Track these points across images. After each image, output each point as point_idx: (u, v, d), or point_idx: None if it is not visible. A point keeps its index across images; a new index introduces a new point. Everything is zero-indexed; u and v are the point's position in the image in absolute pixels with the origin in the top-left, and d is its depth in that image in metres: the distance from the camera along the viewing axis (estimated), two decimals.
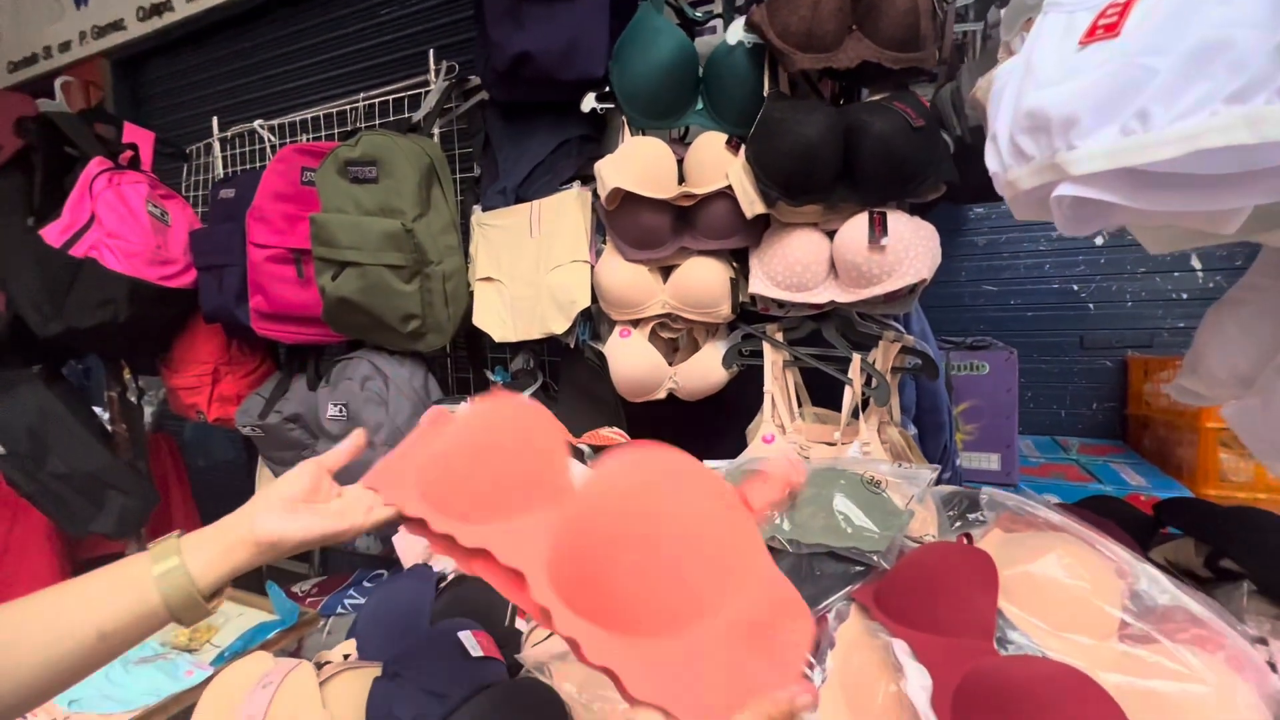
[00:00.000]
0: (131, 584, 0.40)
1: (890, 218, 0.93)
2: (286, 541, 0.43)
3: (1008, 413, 1.33)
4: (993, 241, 1.80)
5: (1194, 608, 0.51)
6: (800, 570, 0.70)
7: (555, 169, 1.18)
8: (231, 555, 0.42)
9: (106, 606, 0.39)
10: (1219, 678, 0.46)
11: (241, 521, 0.43)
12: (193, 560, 0.41)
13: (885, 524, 0.71)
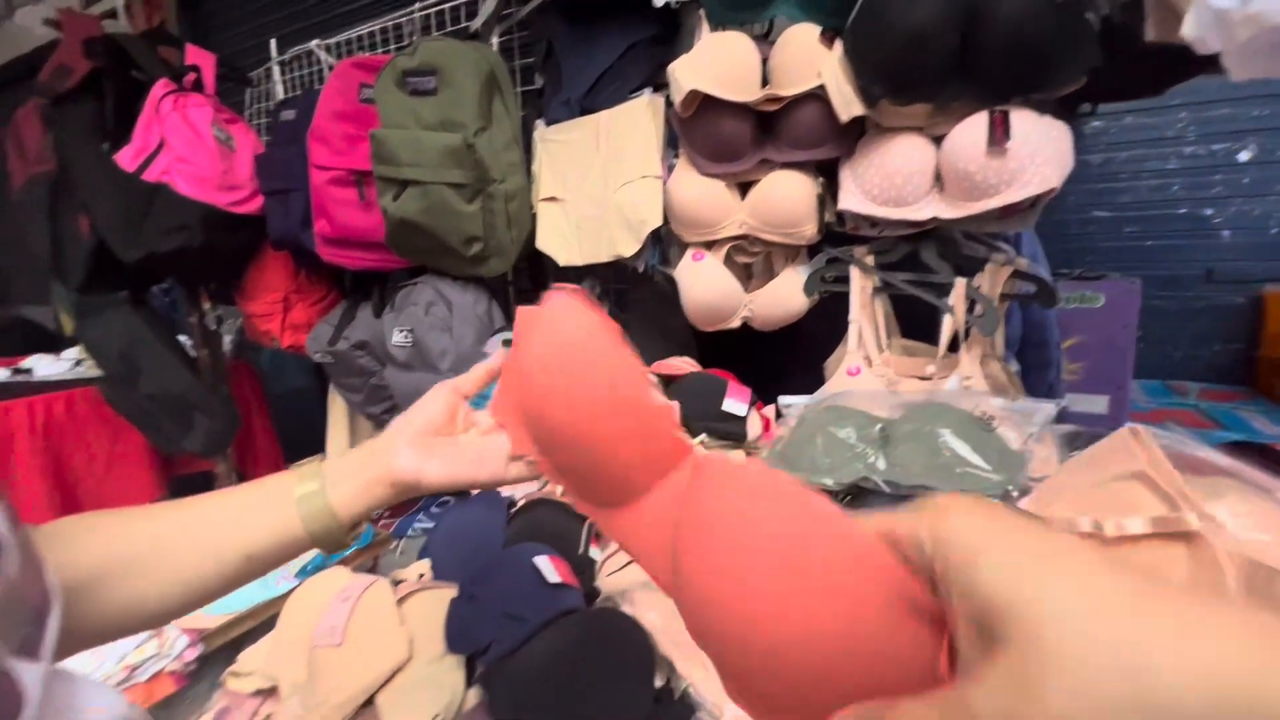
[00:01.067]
0: (275, 509, 0.38)
1: (1014, 116, 0.80)
2: (424, 485, 0.39)
3: (1123, 350, 1.19)
4: (1110, 161, 1.59)
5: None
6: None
7: (624, 75, 1.08)
8: (370, 492, 0.39)
9: (253, 530, 0.38)
10: None
11: (380, 458, 0.40)
12: (334, 492, 0.39)
13: (1003, 465, 0.63)
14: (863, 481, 0.67)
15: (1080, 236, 1.66)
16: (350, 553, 1.18)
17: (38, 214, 1.45)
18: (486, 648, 0.51)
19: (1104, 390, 1.24)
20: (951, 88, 0.82)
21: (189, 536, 0.37)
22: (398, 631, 0.54)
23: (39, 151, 1.43)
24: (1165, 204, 1.57)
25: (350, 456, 0.41)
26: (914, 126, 0.88)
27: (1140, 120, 1.55)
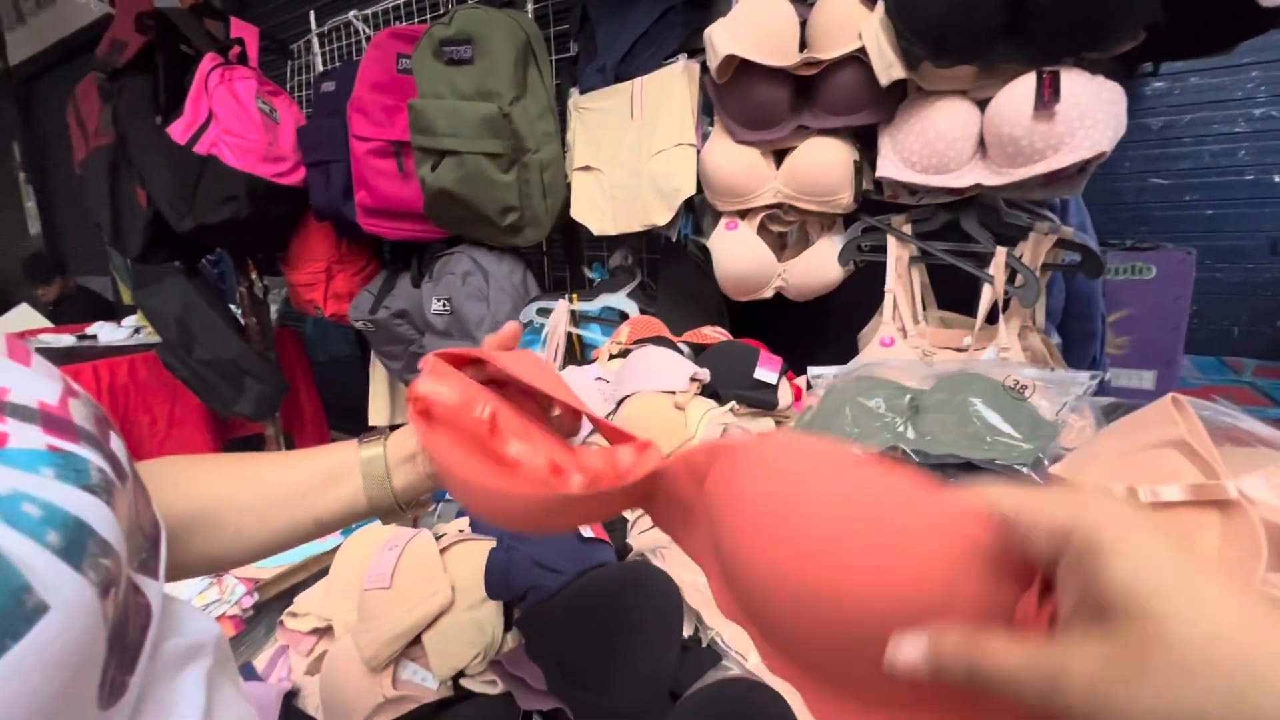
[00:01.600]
0: (344, 480, 0.41)
1: (1064, 77, 0.77)
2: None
3: (1174, 324, 1.14)
4: (1171, 124, 1.51)
5: None
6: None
7: (659, 41, 1.07)
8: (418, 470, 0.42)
9: (322, 495, 0.41)
10: None
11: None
12: (396, 474, 0.41)
13: (1034, 434, 0.62)
14: (891, 451, 0.67)
15: (1135, 205, 1.58)
16: None
17: (99, 186, 1.52)
18: (523, 595, 0.54)
19: (1152, 366, 1.19)
20: (999, 48, 0.79)
21: (270, 496, 0.40)
22: (441, 578, 0.57)
23: (98, 125, 1.49)
24: (1230, 170, 1.48)
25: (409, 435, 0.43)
26: (958, 90, 0.85)
27: (1206, 80, 1.46)
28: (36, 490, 0.21)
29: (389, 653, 0.55)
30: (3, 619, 0.18)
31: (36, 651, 0.19)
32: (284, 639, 0.72)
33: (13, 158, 4.21)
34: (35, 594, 0.19)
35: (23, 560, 0.19)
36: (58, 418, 0.25)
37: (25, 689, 0.19)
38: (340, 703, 0.56)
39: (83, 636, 0.21)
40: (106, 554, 0.22)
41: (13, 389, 0.24)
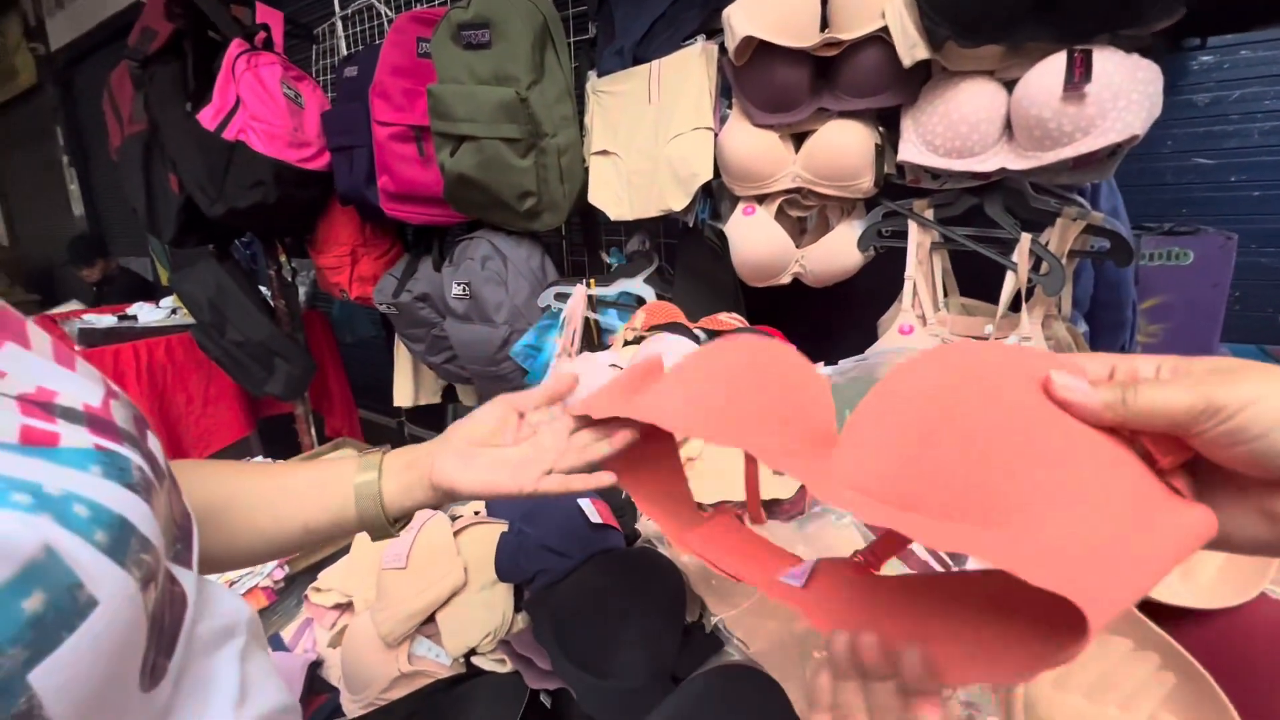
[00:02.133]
0: (335, 493, 0.43)
1: (1097, 56, 0.74)
2: (458, 492, 0.42)
3: (1211, 312, 1.10)
4: (1219, 100, 1.44)
5: None
6: None
7: (677, 22, 1.05)
8: (411, 494, 0.44)
9: (313, 504, 0.43)
10: None
11: (425, 461, 0.44)
12: (387, 485, 0.43)
13: None
14: None
15: (1176, 186, 1.52)
16: None
17: (134, 172, 1.56)
18: (533, 577, 0.55)
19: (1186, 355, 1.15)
20: (1028, 26, 0.76)
21: (264, 502, 0.42)
22: (455, 559, 0.59)
23: (131, 112, 1.53)
24: None
25: (403, 454, 0.45)
26: (984, 70, 0.82)
27: (1258, 53, 1.39)
28: (85, 490, 0.23)
29: (404, 630, 0.57)
30: (59, 614, 0.20)
31: (88, 642, 0.21)
32: (309, 612, 0.75)
33: (56, 142, 4.35)
34: (86, 590, 0.21)
35: (74, 558, 0.21)
36: (102, 419, 0.27)
37: (78, 675, 0.20)
38: (359, 675, 0.59)
39: (127, 627, 0.23)
40: (146, 550, 0.24)
41: (61, 392, 0.26)
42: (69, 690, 0.20)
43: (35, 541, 0.20)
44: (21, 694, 0.19)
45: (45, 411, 0.25)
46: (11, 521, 0.20)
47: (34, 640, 0.20)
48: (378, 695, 0.56)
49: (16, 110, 4.71)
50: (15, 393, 0.24)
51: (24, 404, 0.24)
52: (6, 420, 0.23)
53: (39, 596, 0.20)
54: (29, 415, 0.24)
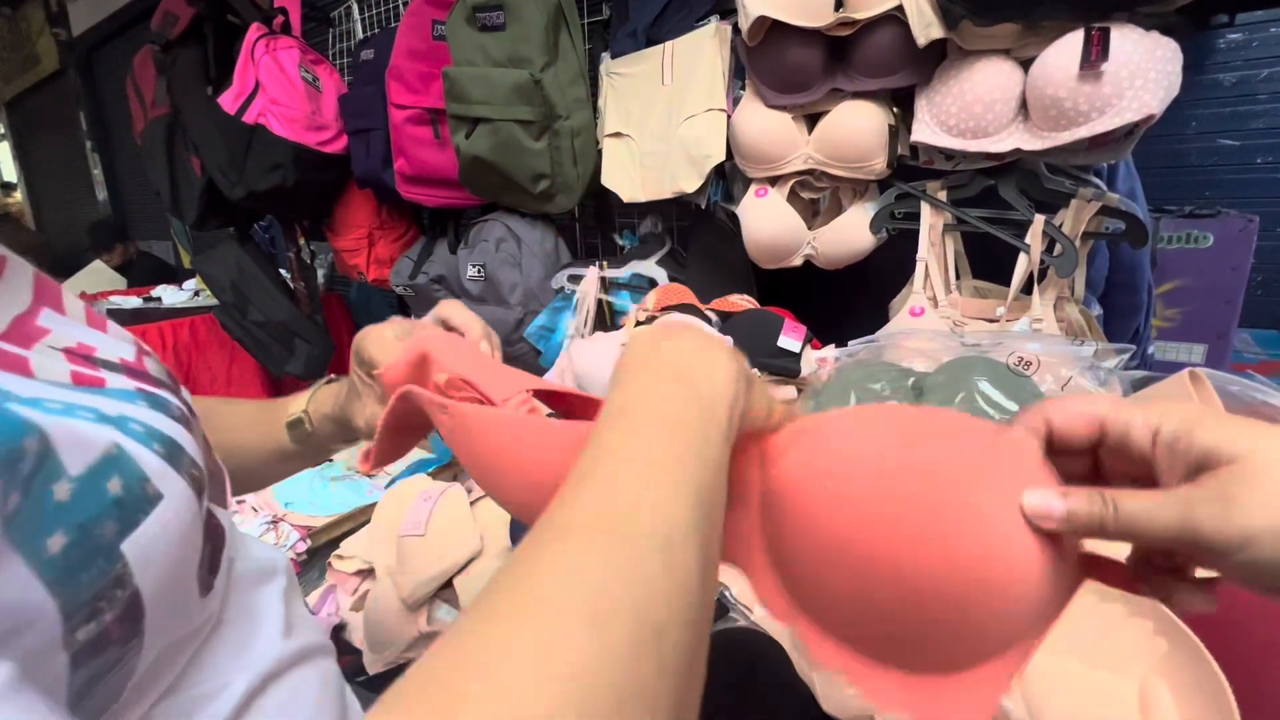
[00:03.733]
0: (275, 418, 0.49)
1: (1115, 34, 0.73)
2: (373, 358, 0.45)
3: (1229, 296, 1.09)
4: (1246, 80, 1.40)
5: None
6: None
7: (690, 3, 1.05)
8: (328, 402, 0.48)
9: (257, 432, 0.49)
10: None
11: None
12: (319, 428, 0.48)
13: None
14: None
15: (1200, 168, 1.49)
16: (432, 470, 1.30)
17: (158, 156, 1.59)
18: None
19: (1204, 339, 1.14)
20: (1045, 5, 0.75)
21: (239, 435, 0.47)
22: (472, 527, 0.62)
23: (154, 96, 1.56)
24: None
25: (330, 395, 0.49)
26: (999, 49, 0.82)
27: None
28: (137, 415, 0.26)
29: (424, 593, 0.60)
30: (134, 499, 0.23)
31: (160, 527, 0.24)
32: (331, 579, 0.78)
33: (80, 127, 4.41)
34: (153, 484, 0.24)
35: (140, 458, 0.24)
36: (138, 370, 0.30)
37: (155, 553, 0.24)
38: (381, 637, 0.62)
39: (187, 524, 0.26)
40: (194, 466, 0.27)
41: (99, 347, 0.29)
42: (150, 565, 0.23)
43: (106, 438, 0.23)
44: (118, 559, 0.22)
45: (89, 362, 0.28)
46: (83, 424, 0.23)
47: (120, 517, 0.23)
48: (399, 655, 0.59)
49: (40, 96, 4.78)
50: (61, 345, 0.27)
51: (69, 355, 0.27)
52: (58, 366, 0.26)
53: (117, 481, 0.23)
54: (75, 363, 0.27)
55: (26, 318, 0.27)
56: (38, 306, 0.28)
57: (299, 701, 0.32)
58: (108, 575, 0.22)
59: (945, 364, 0.68)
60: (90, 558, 0.21)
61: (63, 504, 0.21)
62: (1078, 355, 0.65)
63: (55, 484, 0.21)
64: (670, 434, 0.23)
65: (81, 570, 0.21)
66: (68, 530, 0.21)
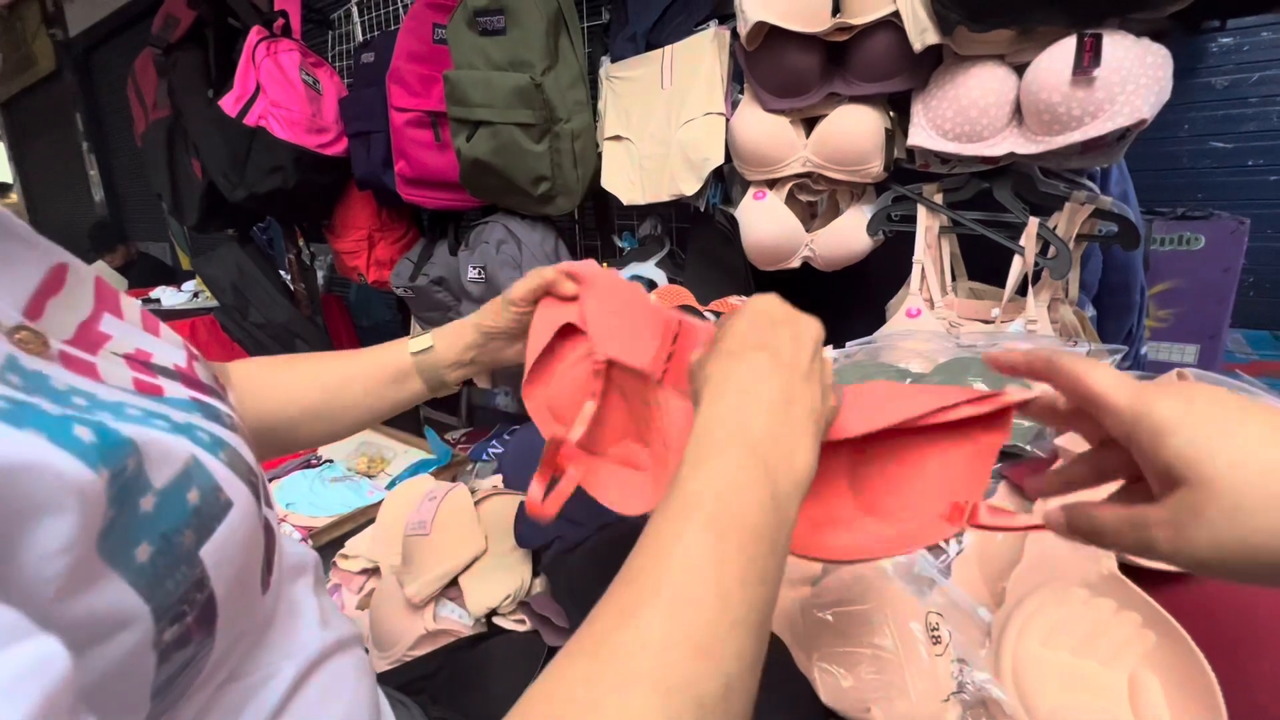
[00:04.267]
0: (410, 380, 0.53)
1: (1107, 40, 0.74)
2: (497, 328, 0.53)
3: (1221, 296, 1.11)
4: (1238, 84, 1.42)
5: None
6: None
7: (689, 7, 1.06)
8: (461, 333, 0.53)
9: (397, 392, 0.53)
10: None
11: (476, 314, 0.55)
12: (450, 374, 0.53)
13: None
14: None
15: (1193, 170, 1.51)
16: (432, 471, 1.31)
17: (158, 158, 1.60)
18: (549, 544, 0.58)
19: (1196, 339, 1.16)
20: (1039, 10, 0.77)
21: (356, 395, 0.52)
22: (476, 527, 0.63)
23: (155, 99, 1.56)
24: None
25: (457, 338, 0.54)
26: (994, 54, 0.83)
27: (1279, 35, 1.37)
28: (200, 423, 0.28)
29: (430, 591, 0.61)
30: (210, 507, 0.25)
31: (230, 533, 0.26)
32: (336, 578, 0.79)
33: (76, 127, 4.41)
34: (224, 492, 0.26)
35: (211, 467, 0.26)
36: (191, 377, 0.31)
37: (228, 558, 0.25)
38: (387, 634, 0.63)
39: (252, 528, 0.27)
40: (251, 473, 0.29)
41: (155, 353, 0.30)
42: (224, 568, 0.25)
43: (185, 451, 0.25)
44: (198, 565, 0.24)
45: (147, 368, 0.29)
46: (163, 435, 0.24)
47: (198, 526, 0.24)
48: (404, 652, 0.60)
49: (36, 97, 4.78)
50: (121, 351, 0.28)
51: (129, 361, 0.28)
52: (121, 372, 0.27)
53: (196, 492, 0.24)
54: (135, 370, 0.28)
55: (90, 323, 0.28)
56: (100, 311, 0.30)
57: (339, 688, 0.34)
58: (190, 580, 0.23)
59: (940, 365, 0.69)
60: (175, 564, 0.23)
61: (148, 515, 0.22)
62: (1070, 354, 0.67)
63: (143, 497, 0.22)
64: (743, 549, 0.26)
65: (168, 577, 0.23)
66: (153, 540, 0.22)
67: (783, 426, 0.30)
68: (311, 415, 0.50)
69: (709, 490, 0.27)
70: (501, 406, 1.93)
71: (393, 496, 0.80)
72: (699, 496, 0.27)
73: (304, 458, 1.43)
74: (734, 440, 0.29)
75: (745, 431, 0.29)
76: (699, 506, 0.27)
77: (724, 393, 0.31)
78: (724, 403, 0.31)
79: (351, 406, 0.51)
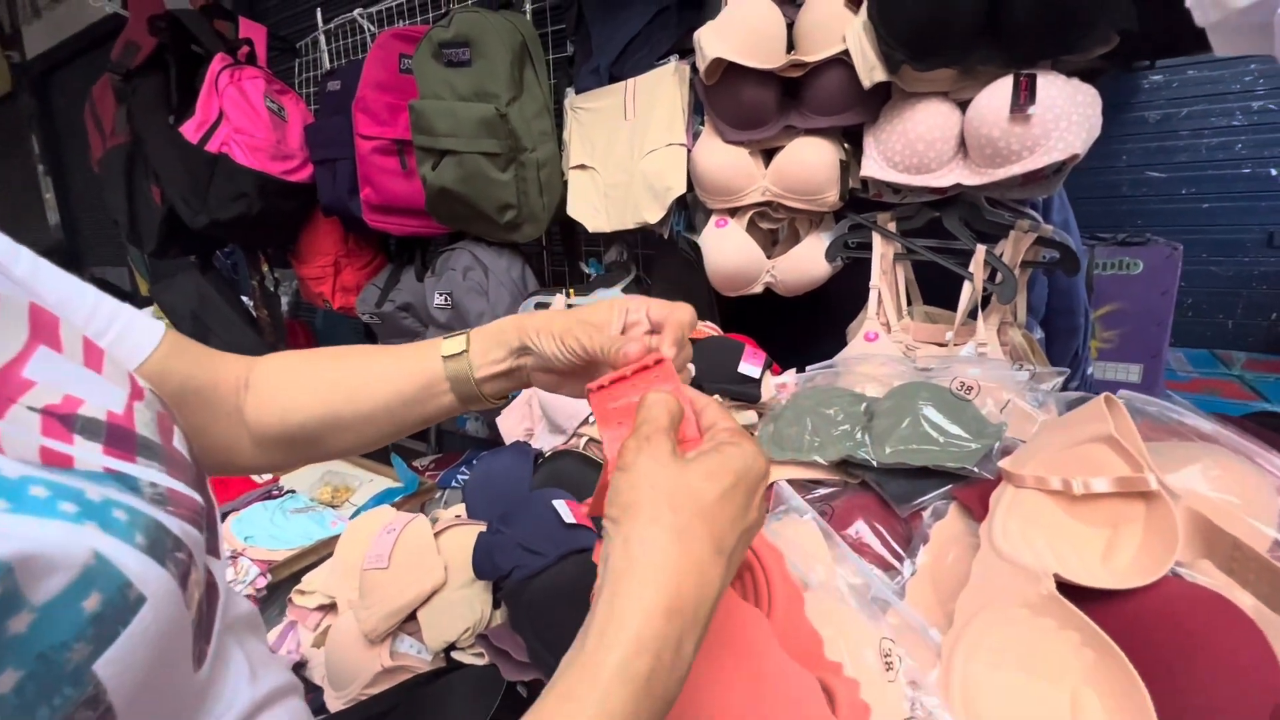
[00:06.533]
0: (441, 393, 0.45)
1: (1041, 80, 0.79)
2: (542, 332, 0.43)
3: (1159, 318, 1.16)
4: (1169, 117, 1.51)
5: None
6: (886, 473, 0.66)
7: (651, 42, 1.09)
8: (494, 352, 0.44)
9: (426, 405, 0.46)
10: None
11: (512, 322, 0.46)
12: (485, 386, 0.45)
13: (980, 433, 0.64)
14: (850, 457, 0.69)
15: (1131, 199, 1.59)
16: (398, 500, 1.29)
17: (116, 184, 1.57)
18: (508, 574, 0.58)
19: (1138, 359, 1.21)
20: (978, 52, 0.81)
21: (381, 405, 0.45)
22: (435, 559, 0.62)
23: (114, 125, 1.54)
24: (1227, 163, 1.48)
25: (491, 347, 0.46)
26: (939, 91, 0.87)
27: (1204, 73, 1.46)
28: (118, 498, 0.25)
29: (387, 627, 0.59)
30: (114, 610, 0.23)
31: (141, 633, 0.23)
32: (292, 614, 0.77)
33: (31, 150, 4.29)
34: (135, 588, 0.23)
35: (121, 561, 0.23)
36: (122, 430, 0.28)
37: (134, 663, 0.23)
38: (343, 672, 0.61)
39: (172, 618, 0.25)
40: (179, 549, 0.26)
41: (86, 400, 0.27)
42: (126, 676, 0.23)
43: (85, 549, 0.22)
44: (89, 682, 0.21)
45: (65, 426, 0.26)
46: (62, 531, 0.22)
47: (95, 635, 0.22)
48: (360, 690, 0.58)
49: None
50: (41, 404, 0.25)
51: (46, 419, 0.25)
52: (29, 439, 0.24)
53: (96, 597, 0.22)
54: (48, 434, 0.25)
55: (12, 368, 0.26)
56: (32, 346, 0.27)
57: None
58: (74, 700, 0.21)
59: (893, 390, 0.71)
60: (53, 687, 0.20)
61: (17, 637, 0.20)
62: (1016, 379, 0.69)
63: (12, 618, 0.20)
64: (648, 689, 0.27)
65: (39, 704, 0.20)
66: (22, 664, 0.20)
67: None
68: (333, 421, 0.45)
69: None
70: (471, 431, 1.91)
71: (352, 529, 0.78)
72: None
73: (265, 488, 1.39)
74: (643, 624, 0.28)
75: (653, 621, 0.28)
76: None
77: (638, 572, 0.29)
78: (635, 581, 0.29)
79: (371, 417, 0.45)
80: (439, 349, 0.45)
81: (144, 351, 0.41)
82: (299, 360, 0.48)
